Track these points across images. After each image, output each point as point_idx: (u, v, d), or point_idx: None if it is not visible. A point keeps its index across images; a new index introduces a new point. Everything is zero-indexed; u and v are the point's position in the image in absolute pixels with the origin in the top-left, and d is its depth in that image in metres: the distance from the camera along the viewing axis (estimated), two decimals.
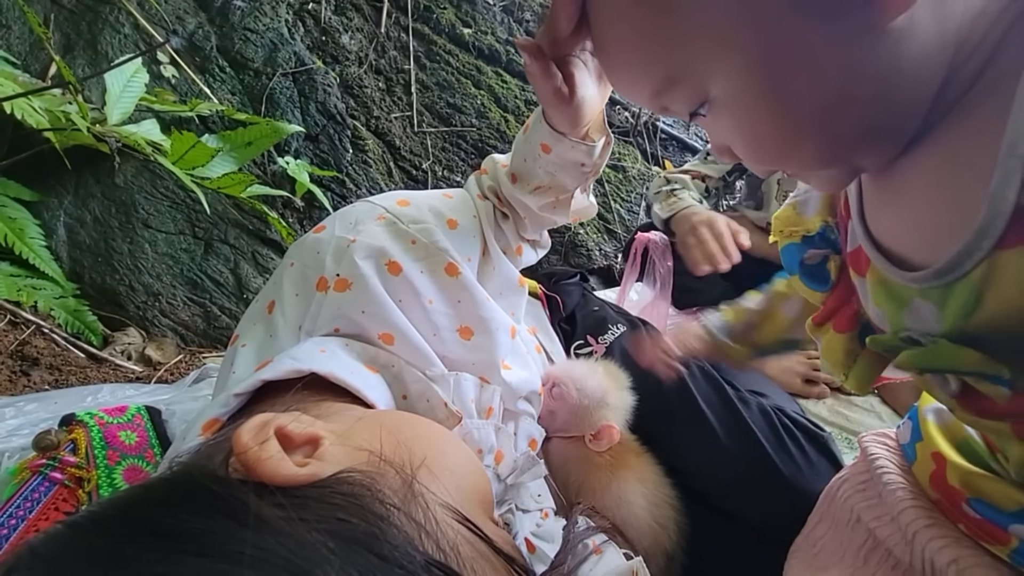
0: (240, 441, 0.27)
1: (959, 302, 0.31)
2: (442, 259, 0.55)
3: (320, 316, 0.51)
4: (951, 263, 0.30)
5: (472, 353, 0.56)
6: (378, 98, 1.49)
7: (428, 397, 0.50)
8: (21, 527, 0.52)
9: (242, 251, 1.24)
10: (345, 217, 0.58)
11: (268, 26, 1.38)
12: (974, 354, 0.30)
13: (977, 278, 0.29)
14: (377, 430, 0.34)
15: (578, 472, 0.66)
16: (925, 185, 0.32)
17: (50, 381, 0.92)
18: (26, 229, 1.03)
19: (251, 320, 0.56)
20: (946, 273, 0.31)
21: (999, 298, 0.29)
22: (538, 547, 0.54)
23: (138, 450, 0.63)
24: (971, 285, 0.30)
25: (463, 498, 0.32)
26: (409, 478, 0.30)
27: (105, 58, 1.18)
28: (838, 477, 0.51)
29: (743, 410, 0.69)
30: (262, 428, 0.29)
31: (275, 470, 0.26)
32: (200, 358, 1.11)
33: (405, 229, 0.56)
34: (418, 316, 0.53)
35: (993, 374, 0.30)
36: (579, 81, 0.51)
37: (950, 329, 0.32)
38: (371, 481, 0.28)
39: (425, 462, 0.32)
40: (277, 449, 0.28)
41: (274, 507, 0.24)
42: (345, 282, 0.52)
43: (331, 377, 0.43)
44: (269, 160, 1.29)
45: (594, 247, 1.61)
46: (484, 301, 0.57)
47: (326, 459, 0.29)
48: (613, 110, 1.92)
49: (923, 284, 0.32)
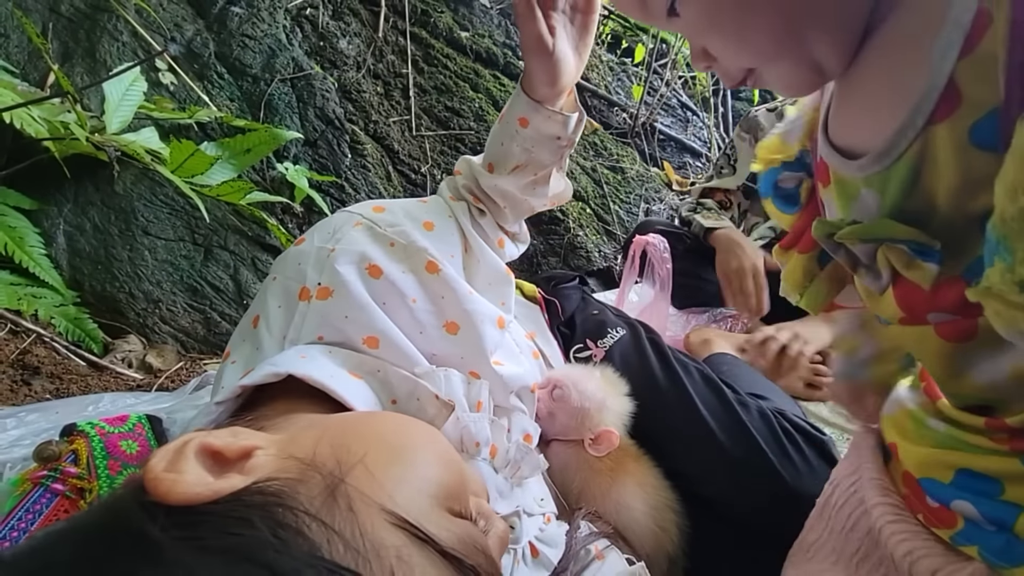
0: (148, 464, 0.27)
1: (898, 183, 0.32)
2: (422, 258, 0.57)
3: (304, 325, 0.52)
4: (890, 143, 0.32)
5: (460, 347, 0.56)
6: (376, 103, 1.50)
7: (417, 395, 0.50)
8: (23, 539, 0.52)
9: (242, 257, 1.24)
10: (323, 228, 0.60)
11: (266, 32, 1.39)
12: (909, 228, 0.32)
13: (913, 156, 0.31)
14: (320, 434, 0.34)
15: (578, 477, 0.66)
16: (874, 73, 0.34)
17: (51, 390, 0.92)
18: (26, 238, 1.03)
19: (239, 336, 0.57)
20: (885, 155, 0.32)
21: (934, 175, 0.31)
22: (541, 551, 0.54)
23: (139, 459, 0.63)
24: (908, 164, 0.31)
25: (408, 493, 0.32)
26: (335, 481, 0.29)
27: (104, 66, 1.19)
28: (830, 482, 0.51)
29: (742, 413, 0.69)
30: (179, 448, 0.29)
31: (171, 489, 0.26)
32: (201, 365, 1.12)
33: (383, 233, 0.58)
34: (403, 317, 0.54)
35: (926, 246, 0.31)
36: (559, 36, 0.60)
37: (890, 210, 0.34)
38: (286, 489, 0.28)
39: (364, 460, 0.31)
40: (193, 468, 0.28)
41: (162, 530, 0.25)
42: (327, 290, 0.52)
43: (309, 380, 0.43)
44: (268, 166, 1.30)
45: (593, 248, 1.61)
46: (467, 295, 0.58)
47: (250, 471, 0.29)
48: (611, 112, 1.92)
49: (867, 171, 0.34)
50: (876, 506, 0.44)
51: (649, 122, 1.95)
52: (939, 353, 0.38)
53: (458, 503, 0.35)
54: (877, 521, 0.43)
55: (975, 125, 0.28)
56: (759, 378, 0.91)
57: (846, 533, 0.47)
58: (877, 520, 0.43)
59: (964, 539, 0.36)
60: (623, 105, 1.93)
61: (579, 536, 0.58)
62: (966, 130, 0.28)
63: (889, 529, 0.42)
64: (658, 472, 0.69)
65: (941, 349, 0.37)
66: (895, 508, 0.43)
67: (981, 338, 0.34)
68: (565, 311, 0.87)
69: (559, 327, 0.86)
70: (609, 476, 0.65)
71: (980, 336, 0.34)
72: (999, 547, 0.34)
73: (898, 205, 0.33)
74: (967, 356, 0.36)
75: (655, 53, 1.94)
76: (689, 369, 0.75)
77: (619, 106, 1.93)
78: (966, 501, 0.36)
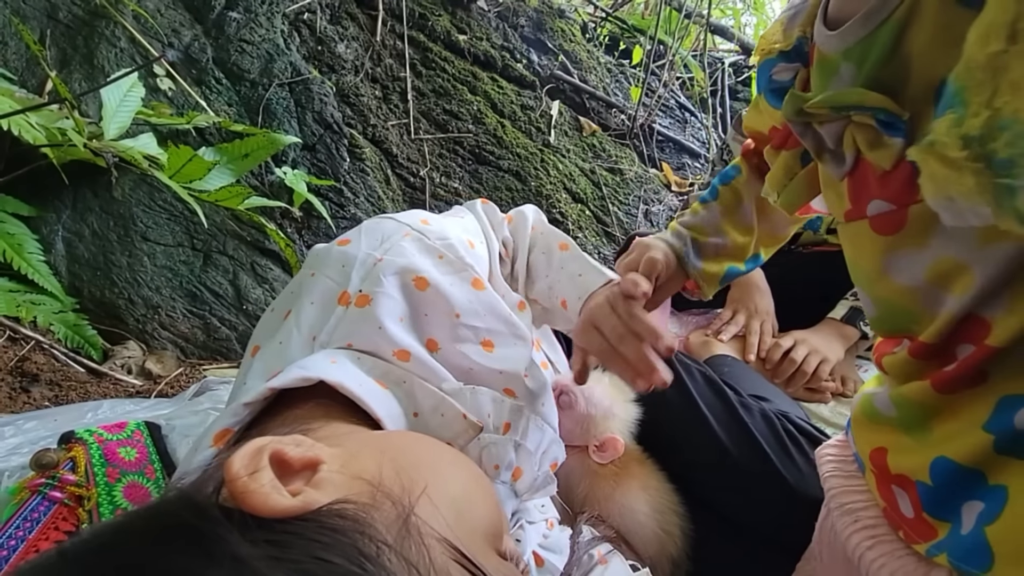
0: (231, 470, 0.26)
1: (879, 49, 0.33)
2: (469, 274, 0.57)
3: (337, 330, 0.51)
4: (878, 3, 0.32)
5: (497, 363, 0.55)
6: (374, 106, 1.50)
7: (443, 411, 0.49)
8: (21, 548, 0.51)
9: (241, 262, 1.24)
10: (372, 233, 0.58)
11: (264, 37, 1.39)
12: (880, 96, 0.32)
13: (900, 17, 0.31)
14: (379, 456, 0.33)
15: (583, 483, 0.66)
16: None
17: (50, 397, 0.92)
18: (24, 244, 1.03)
19: (266, 330, 0.55)
20: (874, 14, 0.33)
21: (915, 40, 0.31)
22: (546, 559, 0.54)
23: (138, 466, 0.62)
24: (893, 27, 0.32)
25: (465, 530, 0.31)
26: (406, 512, 0.29)
27: (102, 72, 1.18)
28: (825, 503, 0.51)
29: (745, 416, 0.68)
30: (256, 454, 0.28)
31: (263, 502, 0.26)
32: (200, 370, 1.11)
33: (432, 245, 0.57)
34: (444, 330, 0.53)
35: (894, 117, 0.32)
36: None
37: (864, 80, 0.34)
38: (364, 515, 0.28)
39: (426, 491, 0.31)
40: (270, 478, 0.27)
41: (252, 545, 0.24)
42: (366, 298, 0.52)
43: (339, 387, 0.43)
44: (266, 170, 1.29)
45: (592, 250, 1.61)
46: (508, 315, 0.57)
47: (322, 487, 0.29)
48: (610, 113, 1.92)
49: (849, 38, 0.35)
50: (850, 536, 0.43)
51: (647, 123, 1.95)
52: (869, 251, 0.38)
53: (500, 543, 0.35)
54: (854, 552, 0.43)
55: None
56: (760, 380, 0.90)
57: (835, 560, 0.47)
58: (854, 551, 0.43)
59: (936, 549, 0.36)
60: (621, 107, 1.93)
61: (582, 541, 0.57)
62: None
63: (868, 557, 0.41)
64: (662, 475, 0.69)
65: (871, 245, 0.38)
66: (868, 532, 0.42)
67: (908, 230, 0.35)
68: None
69: (564, 333, 0.85)
70: (613, 480, 0.65)
71: (908, 227, 0.35)
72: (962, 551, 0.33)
73: (873, 74, 0.33)
74: (892, 252, 0.37)
75: (653, 54, 1.94)
76: (691, 371, 0.75)
77: (617, 107, 1.93)
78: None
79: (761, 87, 0.49)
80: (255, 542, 0.24)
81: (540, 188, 1.59)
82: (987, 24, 0.24)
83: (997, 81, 0.23)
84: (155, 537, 0.25)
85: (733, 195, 0.61)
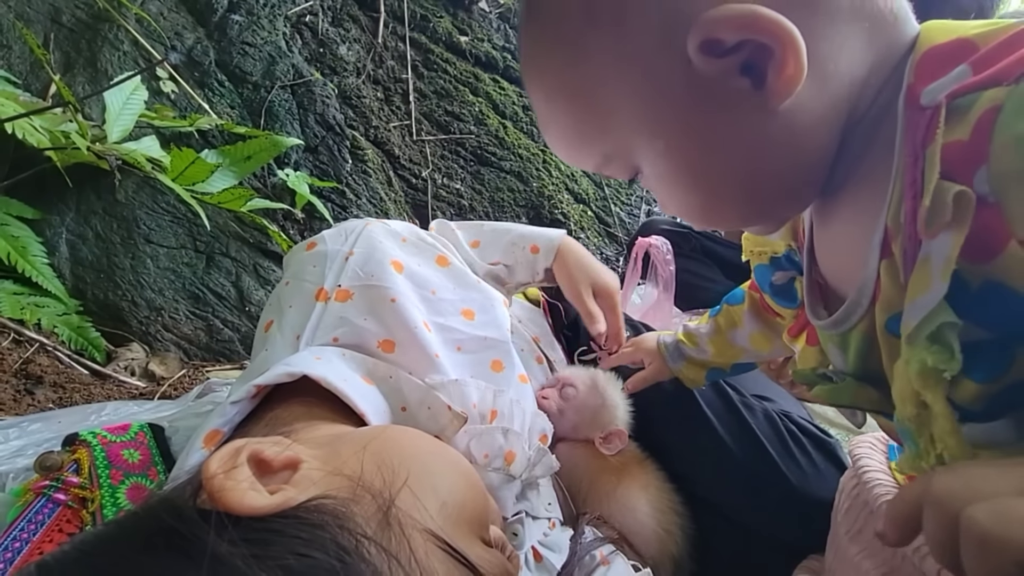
0: (208, 469, 0.27)
1: (855, 348, 0.34)
2: (433, 251, 0.61)
3: (320, 326, 0.52)
4: (843, 314, 0.33)
5: (481, 330, 0.58)
6: (376, 108, 1.50)
7: (429, 404, 0.49)
8: (25, 550, 0.51)
9: (244, 264, 1.24)
10: (336, 233, 0.61)
11: (266, 39, 1.39)
12: (873, 393, 0.33)
13: (865, 328, 0.32)
14: (360, 451, 0.33)
15: (585, 478, 0.66)
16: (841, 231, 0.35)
17: (54, 399, 0.92)
18: (28, 247, 1.03)
19: (256, 343, 0.57)
20: (841, 323, 0.34)
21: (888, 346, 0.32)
22: (545, 556, 0.54)
23: (142, 468, 0.62)
24: (861, 334, 0.33)
25: (449, 519, 0.32)
26: (386, 504, 0.29)
27: (105, 75, 1.19)
28: (839, 491, 0.51)
29: (748, 416, 0.68)
30: (234, 455, 0.28)
31: (239, 500, 0.26)
32: (203, 372, 1.11)
33: (394, 230, 0.62)
34: (424, 308, 0.55)
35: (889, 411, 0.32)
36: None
37: (853, 370, 0.35)
38: (343, 509, 0.28)
39: (408, 482, 0.31)
40: (247, 476, 0.27)
41: (231, 544, 0.24)
42: (347, 292, 0.53)
43: (323, 382, 0.43)
44: (269, 172, 1.30)
45: (595, 251, 1.61)
46: (476, 283, 0.62)
47: (302, 485, 0.29)
48: None
49: (827, 330, 0.36)
50: (882, 506, 0.43)
51: None
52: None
53: (486, 532, 0.35)
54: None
55: (889, 319, 0.30)
56: (763, 379, 0.90)
57: (851, 536, 0.47)
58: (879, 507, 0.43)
59: None
60: None
61: (584, 541, 0.57)
62: (884, 321, 0.30)
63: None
64: (662, 475, 0.69)
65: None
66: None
67: None
68: (568, 314, 0.86)
69: (563, 331, 0.85)
70: (615, 477, 0.65)
71: None
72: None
73: (860, 367, 0.34)
74: None
75: None
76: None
77: None
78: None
79: (763, 290, 0.51)
80: (234, 541, 0.24)
81: (542, 189, 1.59)
82: (899, 392, 0.27)
83: (928, 431, 0.27)
84: (134, 542, 0.25)
85: (728, 321, 0.63)
